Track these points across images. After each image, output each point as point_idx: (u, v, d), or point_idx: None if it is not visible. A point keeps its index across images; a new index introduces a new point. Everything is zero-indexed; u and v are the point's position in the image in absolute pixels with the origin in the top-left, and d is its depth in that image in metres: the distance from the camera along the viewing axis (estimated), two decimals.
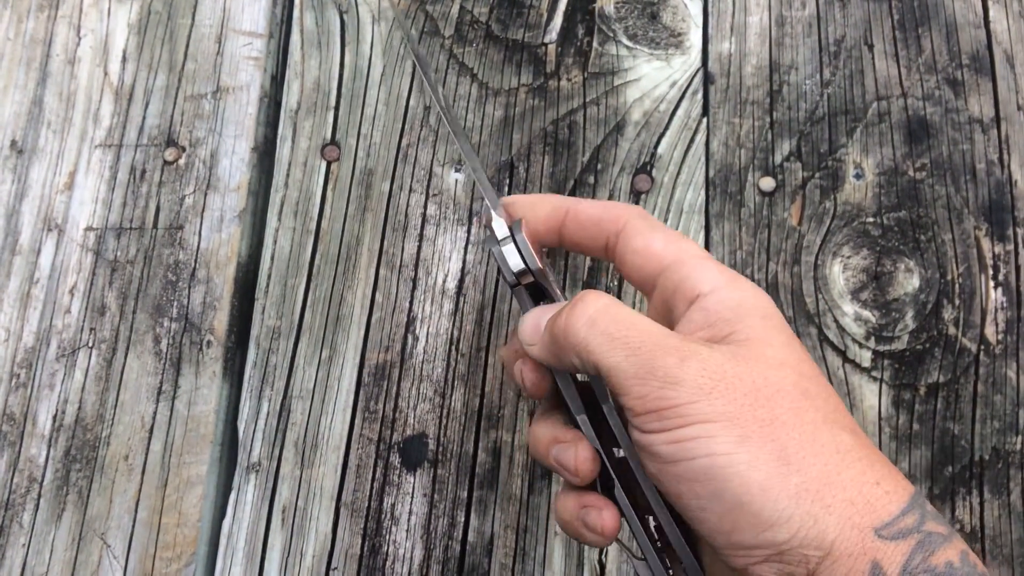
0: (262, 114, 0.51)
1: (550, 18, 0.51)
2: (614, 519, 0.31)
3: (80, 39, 0.53)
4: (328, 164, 0.49)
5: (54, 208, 0.50)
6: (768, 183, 0.47)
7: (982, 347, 0.44)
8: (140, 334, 0.48)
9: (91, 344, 0.48)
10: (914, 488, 0.27)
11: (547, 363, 0.32)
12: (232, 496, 0.45)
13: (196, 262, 0.48)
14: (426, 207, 0.48)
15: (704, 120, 0.49)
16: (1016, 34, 0.49)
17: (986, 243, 0.46)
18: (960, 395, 0.44)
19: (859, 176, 0.47)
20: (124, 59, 0.52)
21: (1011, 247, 0.46)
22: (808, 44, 0.49)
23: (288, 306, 0.48)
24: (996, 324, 0.45)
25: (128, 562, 0.45)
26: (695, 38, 0.50)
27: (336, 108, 0.50)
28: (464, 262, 0.47)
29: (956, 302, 0.45)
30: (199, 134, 0.50)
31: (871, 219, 0.46)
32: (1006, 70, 0.48)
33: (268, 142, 0.50)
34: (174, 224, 0.49)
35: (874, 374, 0.44)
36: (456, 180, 0.48)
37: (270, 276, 0.48)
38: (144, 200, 0.50)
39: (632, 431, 0.28)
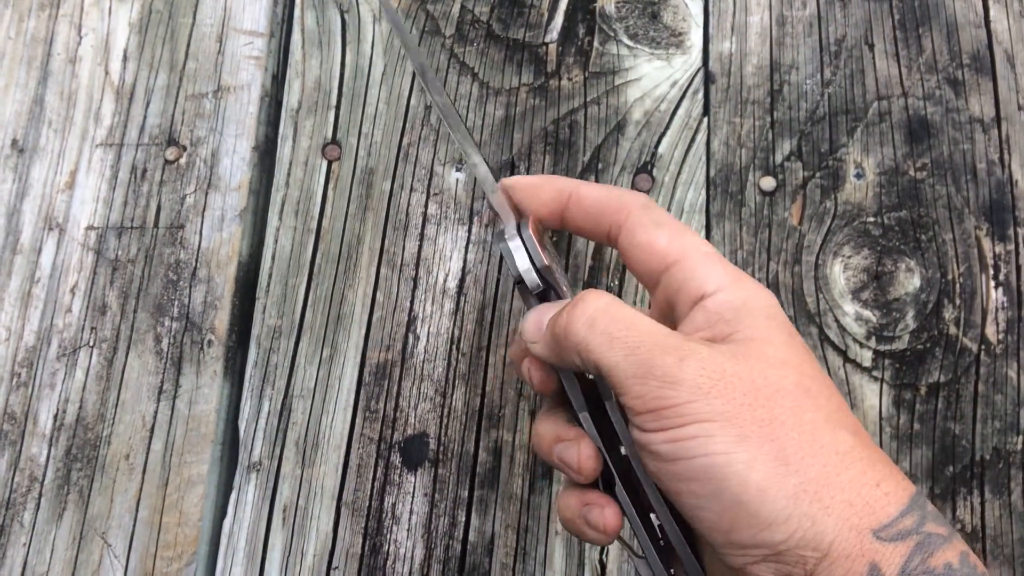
0: (263, 113, 0.51)
1: (551, 17, 0.51)
2: (616, 517, 0.31)
3: (81, 38, 0.53)
4: (329, 163, 0.49)
5: (55, 207, 0.50)
6: (769, 183, 0.47)
7: (983, 347, 0.44)
8: (141, 333, 0.48)
9: (92, 343, 0.48)
10: (915, 489, 0.27)
11: (550, 361, 0.32)
12: (233, 495, 0.45)
13: (197, 261, 0.48)
14: (427, 206, 0.48)
15: (705, 120, 0.49)
16: (1017, 34, 0.49)
17: (987, 243, 0.46)
18: (961, 395, 0.44)
19: (860, 176, 0.47)
20: (125, 58, 0.52)
21: (1012, 247, 0.46)
22: (809, 44, 0.49)
23: (289, 305, 0.48)
24: (997, 324, 0.45)
25: (129, 561, 0.45)
26: (696, 38, 0.50)
27: (337, 107, 0.50)
28: (465, 261, 0.47)
29: (957, 302, 0.45)
30: (200, 133, 0.50)
31: (872, 219, 0.46)
32: (1007, 70, 0.48)
33: (269, 141, 0.50)
34: (175, 223, 0.49)
35: (875, 374, 0.44)
36: (457, 179, 0.48)
37: (271, 275, 0.48)
38: (145, 199, 0.50)
39: (632, 430, 0.28)
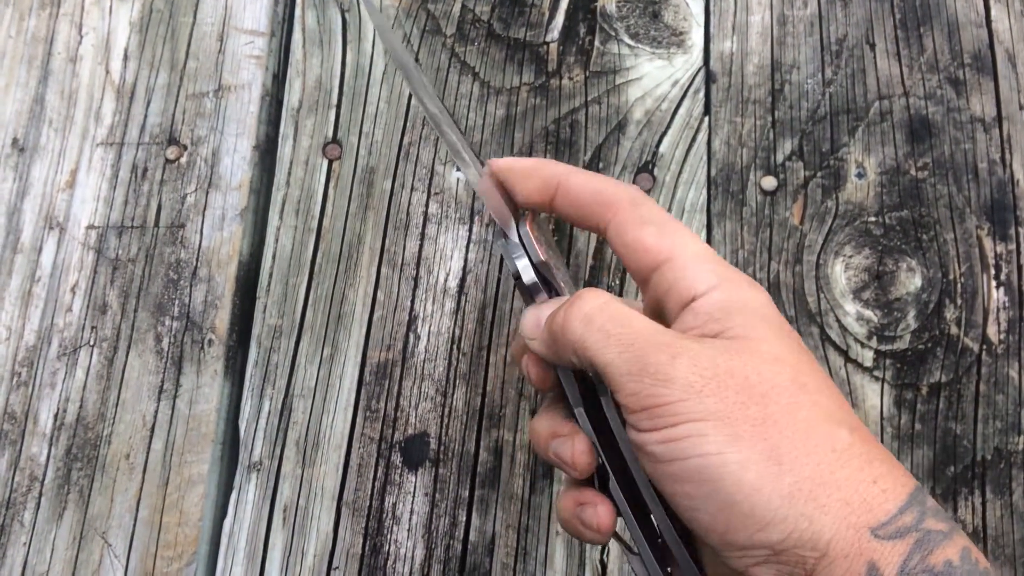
0: (264, 112, 0.51)
1: (552, 17, 0.51)
2: (609, 515, 0.31)
3: (82, 37, 0.53)
4: (330, 162, 0.49)
5: (56, 206, 0.50)
6: (770, 182, 0.47)
7: (984, 347, 0.44)
8: (141, 333, 0.48)
9: (92, 343, 0.48)
10: (915, 485, 0.26)
11: (547, 358, 0.32)
12: (233, 495, 0.45)
13: (198, 261, 0.48)
14: (428, 206, 0.48)
15: (706, 119, 0.49)
16: (1018, 33, 0.49)
17: (988, 242, 0.46)
18: (962, 395, 0.44)
19: (861, 175, 0.47)
20: (126, 57, 0.52)
21: (1013, 246, 0.46)
22: (810, 43, 0.49)
23: (289, 305, 0.48)
24: (998, 324, 0.45)
25: (129, 561, 0.45)
26: (697, 37, 0.50)
27: (338, 106, 0.50)
28: (466, 261, 0.47)
29: (958, 302, 0.45)
30: (201, 132, 0.50)
31: (873, 218, 0.46)
32: (1008, 69, 0.48)
33: (270, 140, 0.50)
34: (176, 222, 0.49)
35: (876, 374, 0.44)
36: (458, 179, 0.48)
37: (271, 275, 0.48)
38: (146, 198, 0.50)
39: (628, 430, 0.28)
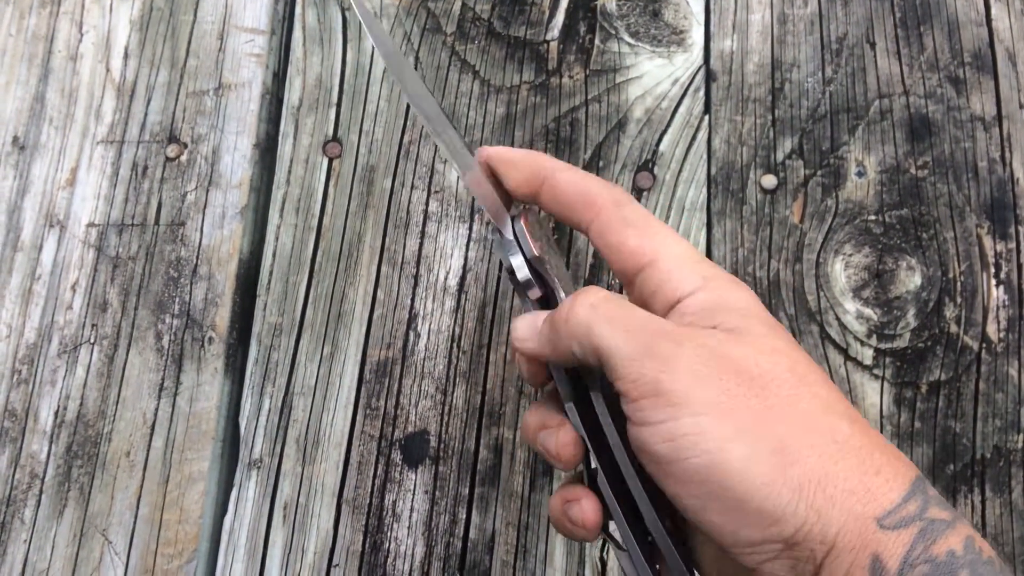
0: (264, 111, 0.51)
1: (552, 15, 0.51)
2: (594, 512, 0.31)
3: (82, 35, 0.53)
4: (330, 161, 0.49)
5: (56, 204, 0.50)
6: (770, 181, 0.47)
7: (984, 345, 0.44)
8: (142, 330, 0.48)
9: (93, 340, 0.48)
10: (916, 474, 0.26)
11: (541, 355, 0.32)
12: (233, 493, 0.45)
13: (198, 258, 0.48)
14: (428, 204, 0.48)
15: (706, 117, 0.49)
16: (1018, 32, 0.49)
17: (988, 241, 0.46)
18: (962, 393, 0.44)
19: (861, 174, 0.47)
20: (126, 55, 0.52)
21: (1013, 245, 0.46)
22: (810, 42, 0.49)
23: (290, 303, 0.48)
24: (998, 322, 0.45)
25: (129, 558, 0.45)
26: (697, 35, 0.50)
27: (338, 105, 0.50)
28: (466, 259, 0.47)
29: (958, 300, 0.45)
30: (201, 130, 0.50)
31: (873, 217, 0.46)
32: (1008, 68, 0.48)
33: (270, 139, 0.50)
34: (176, 220, 0.49)
35: (876, 372, 0.44)
36: (458, 177, 0.48)
37: (272, 273, 0.48)
38: (146, 196, 0.50)
39: (629, 427, 0.28)
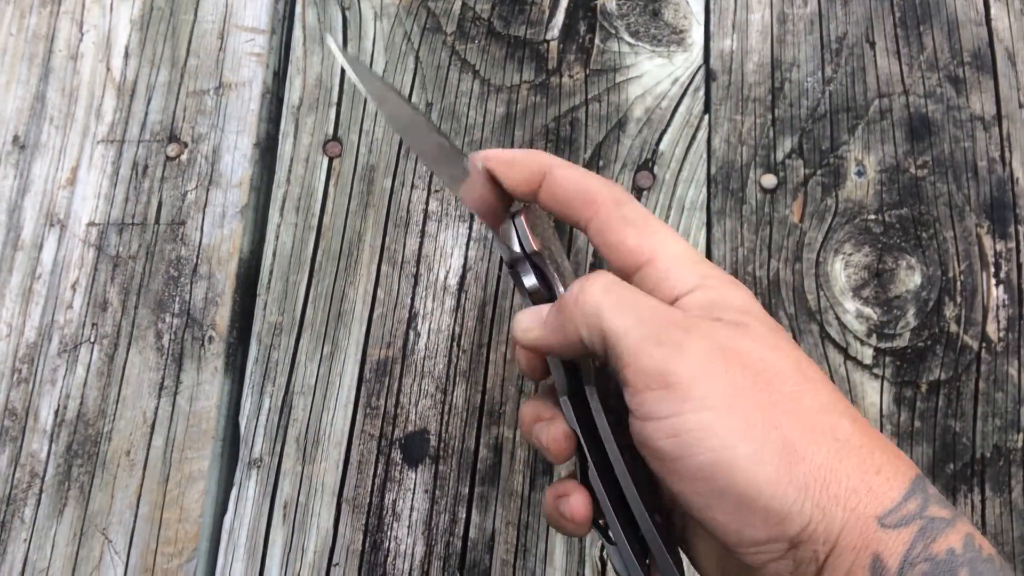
0: (264, 110, 0.51)
1: (552, 15, 0.51)
2: (583, 506, 0.31)
3: (83, 35, 0.53)
4: (330, 160, 0.49)
5: (56, 203, 0.50)
6: (770, 180, 0.47)
7: (983, 344, 0.44)
8: (142, 329, 0.48)
9: (93, 339, 0.48)
10: (916, 472, 0.26)
11: (545, 344, 0.31)
12: (233, 492, 0.45)
13: (198, 258, 0.48)
14: (428, 203, 0.48)
15: (706, 117, 0.49)
16: (1017, 31, 0.49)
17: (987, 240, 0.46)
18: (961, 392, 0.44)
19: (861, 173, 0.47)
20: (126, 55, 0.52)
21: (1012, 244, 0.46)
22: (810, 41, 0.49)
23: (290, 302, 0.48)
24: (997, 321, 0.45)
25: (129, 557, 0.45)
26: (697, 35, 0.50)
27: (338, 104, 0.50)
28: (466, 258, 0.47)
29: (958, 299, 0.45)
30: (201, 130, 0.50)
31: (873, 216, 0.46)
32: (1007, 67, 0.48)
33: (270, 138, 0.50)
34: (176, 220, 0.49)
35: (876, 371, 0.44)
36: None
37: (272, 272, 0.48)
38: (146, 196, 0.50)
39: (632, 422, 0.28)
